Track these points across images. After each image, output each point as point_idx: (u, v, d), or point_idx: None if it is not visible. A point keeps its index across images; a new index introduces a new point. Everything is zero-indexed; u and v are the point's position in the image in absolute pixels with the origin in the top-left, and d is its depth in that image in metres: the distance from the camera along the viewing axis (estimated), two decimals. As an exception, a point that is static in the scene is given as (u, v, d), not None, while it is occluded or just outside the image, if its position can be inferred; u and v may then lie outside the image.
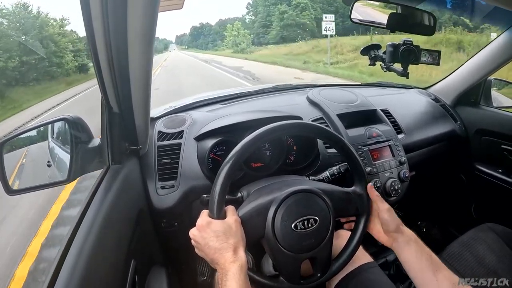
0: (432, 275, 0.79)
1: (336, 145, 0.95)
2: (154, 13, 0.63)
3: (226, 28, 50.80)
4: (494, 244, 1.22)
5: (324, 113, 1.46)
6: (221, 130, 1.23)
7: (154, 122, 1.32)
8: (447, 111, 1.83)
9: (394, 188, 1.33)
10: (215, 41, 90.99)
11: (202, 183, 1.19)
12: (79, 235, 0.72)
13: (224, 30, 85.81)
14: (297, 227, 0.82)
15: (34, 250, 2.83)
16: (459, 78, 1.80)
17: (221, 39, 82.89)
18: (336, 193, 0.92)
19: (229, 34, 48.39)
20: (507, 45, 1.47)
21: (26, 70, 20.64)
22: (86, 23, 0.65)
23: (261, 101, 1.64)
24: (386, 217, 0.90)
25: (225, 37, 61.96)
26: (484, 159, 1.79)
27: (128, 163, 1.06)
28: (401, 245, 0.87)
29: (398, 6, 1.33)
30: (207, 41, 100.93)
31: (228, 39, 49.48)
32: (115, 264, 0.81)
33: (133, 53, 0.72)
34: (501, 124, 1.67)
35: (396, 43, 1.42)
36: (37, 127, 0.93)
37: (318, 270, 0.88)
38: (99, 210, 0.81)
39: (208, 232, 0.77)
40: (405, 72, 1.46)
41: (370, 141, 1.40)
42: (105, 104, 0.88)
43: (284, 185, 0.93)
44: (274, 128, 0.86)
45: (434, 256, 0.83)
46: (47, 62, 23.09)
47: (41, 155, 1.02)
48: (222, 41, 74.61)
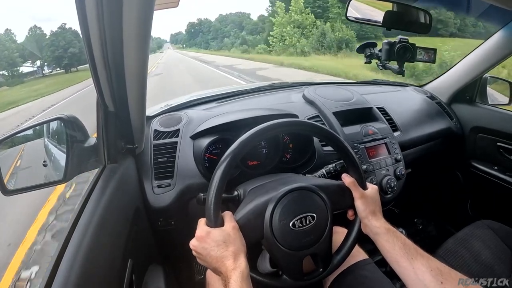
0: (408, 264, 0.79)
1: (331, 142, 0.95)
2: (150, 11, 0.63)
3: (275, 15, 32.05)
4: (490, 240, 1.22)
5: (320, 111, 1.46)
6: (217, 128, 1.23)
7: (150, 120, 1.32)
8: (443, 109, 1.83)
9: (390, 186, 1.34)
10: (215, 39, 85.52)
11: (198, 182, 1.20)
12: (75, 235, 0.72)
13: (226, 27, 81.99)
14: (295, 226, 0.82)
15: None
16: (455, 76, 1.80)
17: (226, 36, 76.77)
18: (332, 187, 0.92)
19: (278, 24, 31.64)
20: (503, 43, 1.48)
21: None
22: (81, 22, 0.65)
23: (257, 99, 1.64)
24: (358, 205, 0.91)
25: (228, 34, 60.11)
26: (479, 156, 1.80)
27: (124, 162, 1.06)
28: (371, 235, 0.89)
29: (394, 4, 1.34)
30: (206, 39, 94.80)
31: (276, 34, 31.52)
32: (112, 263, 0.81)
33: (128, 51, 0.72)
34: (496, 122, 1.68)
35: (392, 41, 1.42)
36: (33, 126, 0.93)
37: (320, 265, 0.89)
38: (95, 210, 0.80)
39: (208, 242, 0.77)
40: (401, 70, 1.47)
41: (366, 138, 1.41)
42: (101, 103, 0.88)
43: (280, 183, 0.93)
44: (270, 126, 0.86)
45: (409, 245, 0.82)
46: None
47: (37, 155, 1.01)
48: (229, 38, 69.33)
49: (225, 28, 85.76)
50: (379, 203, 0.95)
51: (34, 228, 3.19)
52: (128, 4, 0.61)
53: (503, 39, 1.46)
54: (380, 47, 1.48)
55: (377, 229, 0.87)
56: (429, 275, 0.75)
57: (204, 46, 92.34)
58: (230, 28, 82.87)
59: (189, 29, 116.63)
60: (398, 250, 0.82)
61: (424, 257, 0.79)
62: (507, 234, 1.26)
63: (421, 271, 0.76)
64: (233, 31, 78.67)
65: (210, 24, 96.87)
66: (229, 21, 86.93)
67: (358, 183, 0.94)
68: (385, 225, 0.88)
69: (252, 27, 68.78)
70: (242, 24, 77.75)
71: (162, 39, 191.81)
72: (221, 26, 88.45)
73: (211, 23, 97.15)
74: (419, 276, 0.76)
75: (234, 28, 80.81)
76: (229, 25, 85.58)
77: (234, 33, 76.69)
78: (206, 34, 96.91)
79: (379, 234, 0.86)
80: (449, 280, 0.73)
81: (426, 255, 0.80)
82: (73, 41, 51.15)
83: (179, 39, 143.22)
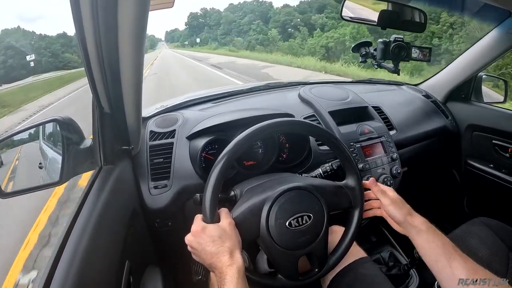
0: (446, 263, 0.79)
1: (327, 141, 0.95)
2: (145, 12, 0.62)
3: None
4: (487, 237, 1.23)
5: (315, 110, 1.46)
6: (213, 128, 1.23)
7: (146, 121, 1.32)
8: (438, 107, 1.84)
9: (386, 184, 1.34)
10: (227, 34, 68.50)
11: (195, 182, 1.19)
12: (72, 236, 0.72)
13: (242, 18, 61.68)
14: (291, 225, 0.82)
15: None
16: (450, 74, 1.81)
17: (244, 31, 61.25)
18: (328, 188, 0.93)
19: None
20: (497, 41, 1.48)
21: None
22: (76, 22, 0.64)
23: (253, 99, 1.64)
24: (390, 211, 0.92)
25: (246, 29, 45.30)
26: (475, 154, 1.81)
27: (120, 164, 1.06)
28: (412, 234, 0.89)
29: (389, 4, 1.34)
30: (215, 35, 77.50)
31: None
32: (109, 265, 0.81)
33: (124, 52, 0.72)
34: (491, 120, 1.68)
35: (387, 40, 1.42)
36: (28, 128, 0.92)
37: (315, 265, 0.89)
38: (92, 211, 0.80)
39: (204, 237, 0.77)
40: (396, 69, 1.47)
41: (362, 137, 1.41)
42: (96, 104, 0.88)
43: (276, 183, 0.93)
44: (266, 126, 0.86)
45: (447, 244, 0.83)
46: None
47: (32, 157, 1.01)
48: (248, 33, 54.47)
49: (241, 20, 71.50)
50: (405, 202, 0.96)
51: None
52: (123, 4, 0.60)
53: (498, 37, 1.47)
54: (375, 46, 1.48)
55: (419, 227, 0.87)
56: (465, 276, 0.76)
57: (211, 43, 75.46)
58: (249, 20, 68.79)
59: (190, 22, 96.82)
60: (436, 249, 0.83)
61: (462, 257, 0.80)
62: (504, 231, 1.26)
63: (459, 271, 0.77)
64: (255, 24, 65.21)
65: (220, 15, 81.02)
66: (247, 10, 71.81)
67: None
68: (426, 223, 0.88)
69: (286, 17, 54.67)
70: (268, 14, 64.01)
71: (156, 37, 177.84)
72: (235, 18, 72.88)
73: (221, 13, 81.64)
74: (456, 275, 0.77)
75: (255, 20, 66.86)
76: (247, 16, 70.49)
77: (256, 26, 63.56)
78: (213, 29, 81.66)
79: (420, 232, 0.87)
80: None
81: (464, 255, 0.81)
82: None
83: (175, 37, 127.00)
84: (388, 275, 1.07)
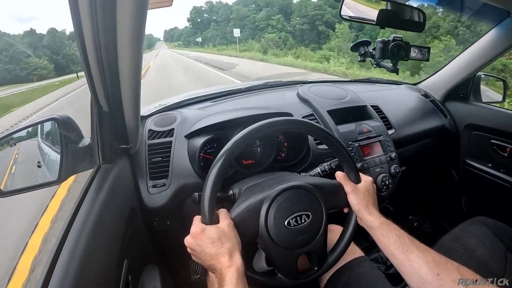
0: (404, 256, 0.79)
1: (326, 140, 0.95)
2: (144, 10, 0.62)
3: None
4: (485, 237, 1.23)
5: (314, 109, 1.46)
6: (212, 127, 1.23)
7: (145, 120, 1.31)
8: (437, 107, 1.84)
9: (385, 183, 1.34)
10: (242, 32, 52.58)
11: (194, 181, 1.19)
12: (71, 235, 0.72)
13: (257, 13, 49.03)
14: (290, 224, 0.82)
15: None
16: (449, 74, 1.81)
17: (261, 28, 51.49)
18: (327, 186, 0.93)
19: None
20: (496, 41, 1.49)
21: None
22: (75, 21, 0.64)
23: (251, 98, 1.64)
24: (351, 199, 0.92)
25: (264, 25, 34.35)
26: (473, 153, 1.81)
27: (119, 162, 1.05)
28: (367, 227, 0.89)
29: (388, 3, 1.34)
30: (223, 32, 64.93)
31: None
32: (108, 264, 0.81)
33: (122, 51, 0.72)
34: (490, 119, 1.69)
35: (386, 39, 1.42)
36: (26, 127, 0.92)
37: (314, 264, 0.89)
38: (90, 210, 0.80)
39: (203, 239, 0.76)
40: (395, 68, 1.47)
41: (361, 137, 1.41)
42: (95, 103, 0.87)
43: (275, 182, 0.93)
44: (264, 125, 0.86)
45: (404, 237, 0.82)
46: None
47: (31, 156, 1.01)
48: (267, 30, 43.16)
49: (256, 15, 58.88)
50: (374, 196, 0.95)
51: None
52: (122, 3, 0.60)
53: (497, 37, 1.48)
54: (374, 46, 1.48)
55: (371, 223, 0.87)
56: (425, 267, 0.75)
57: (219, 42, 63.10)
58: (266, 15, 56.48)
59: (193, 17, 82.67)
60: (393, 243, 0.82)
61: (420, 249, 0.79)
62: (502, 231, 1.27)
63: (417, 263, 0.76)
64: (275, 19, 52.92)
65: (230, 9, 68.82)
66: (262, 3, 59.12)
67: (352, 179, 0.94)
68: (379, 218, 0.88)
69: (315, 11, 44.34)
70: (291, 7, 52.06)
71: (154, 36, 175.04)
72: (250, 12, 60.99)
73: (230, 7, 69.62)
74: (415, 268, 0.76)
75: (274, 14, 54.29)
76: (263, 10, 58.13)
77: (277, 22, 51.70)
78: (222, 25, 69.53)
79: (373, 228, 0.87)
80: (445, 271, 0.73)
81: (422, 246, 0.80)
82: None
83: (175, 36, 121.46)
84: (386, 274, 1.07)
